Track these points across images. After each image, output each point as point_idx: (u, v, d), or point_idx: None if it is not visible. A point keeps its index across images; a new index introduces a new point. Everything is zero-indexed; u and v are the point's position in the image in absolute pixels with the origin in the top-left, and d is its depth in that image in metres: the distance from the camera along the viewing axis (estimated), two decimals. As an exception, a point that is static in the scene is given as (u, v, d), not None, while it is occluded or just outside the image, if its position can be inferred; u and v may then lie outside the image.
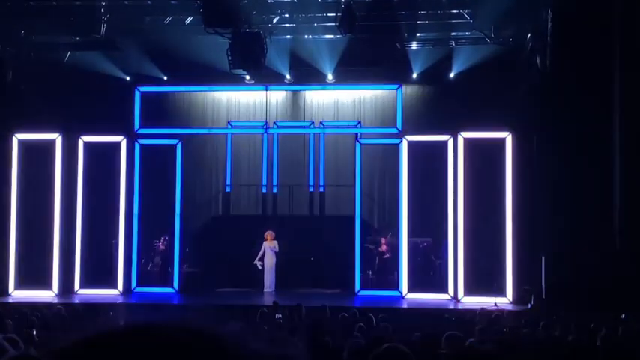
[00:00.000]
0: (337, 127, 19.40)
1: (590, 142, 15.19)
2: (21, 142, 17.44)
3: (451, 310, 15.49)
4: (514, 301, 15.81)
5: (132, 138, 17.73)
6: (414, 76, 18.67)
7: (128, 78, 19.05)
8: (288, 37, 18.16)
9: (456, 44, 18.17)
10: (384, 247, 18.10)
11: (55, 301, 16.24)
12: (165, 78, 19.18)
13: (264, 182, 19.60)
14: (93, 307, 15.19)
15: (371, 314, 11.92)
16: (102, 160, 17.57)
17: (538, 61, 16.27)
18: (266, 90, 18.73)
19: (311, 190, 19.63)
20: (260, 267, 17.73)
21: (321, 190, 19.54)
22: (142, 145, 17.73)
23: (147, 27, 17.72)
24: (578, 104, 15.18)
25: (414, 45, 18.34)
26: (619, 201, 14.71)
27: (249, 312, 13.84)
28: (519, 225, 16.20)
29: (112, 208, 17.37)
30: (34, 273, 16.90)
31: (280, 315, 12.48)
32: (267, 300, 15.63)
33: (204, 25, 15.74)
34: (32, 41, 17.88)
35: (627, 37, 14.60)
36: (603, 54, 14.94)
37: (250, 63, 16.18)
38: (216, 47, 16.84)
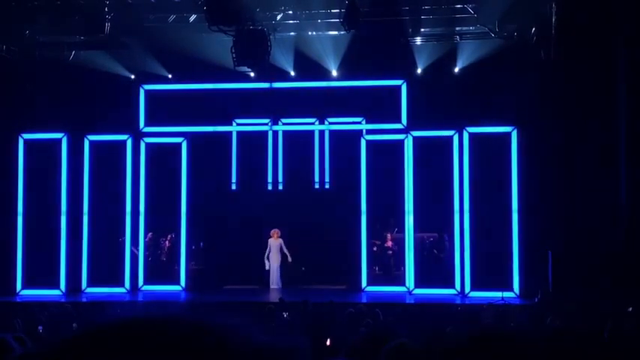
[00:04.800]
0: (342, 123, 19.37)
1: (596, 135, 15.16)
2: (27, 142, 17.50)
3: (458, 304, 15.51)
4: (521, 296, 15.81)
5: (137, 136, 17.77)
6: (419, 71, 18.63)
7: (133, 76, 19.07)
8: (292, 33, 18.13)
9: (461, 39, 18.12)
10: (389, 243, 18.10)
11: (63, 299, 16.31)
12: (169, 76, 19.19)
13: (270, 179, 19.61)
14: (100, 305, 15.26)
15: (378, 310, 11.93)
16: (107, 158, 17.61)
17: (543, 54, 16.23)
18: (270, 87, 18.72)
19: (316, 186, 19.63)
20: (267, 267, 17.82)
21: (327, 186, 19.53)
22: (147, 144, 17.76)
23: (151, 25, 17.72)
24: (584, 98, 15.15)
25: (418, 40, 18.30)
26: (625, 194, 14.68)
27: (255, 309, 13.87)
28: (526, 219, 16.18)
29: (118, 207, 17.41)
30: (41, 272, 16.95)
31: (287, 313, 12.50)
32: (274, 297, 15.66)
33: (207, 22, 15.73)
34: (37, 40, 17.91)
35: (632, 29, 14.55)
36: (608, 46, 14.90)
37: (254, 60, 16.17)
38: (220, 45, 16.84)
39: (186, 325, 1.13)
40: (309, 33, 18.12)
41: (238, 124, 19.56)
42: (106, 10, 16.92)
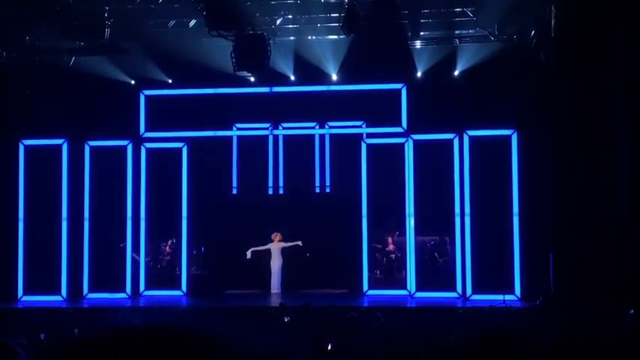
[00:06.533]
0: (342, 127, 19.38)
1: (595, 138, 15.15)
2: (27, 148, 17.51)
3: (460, 308, 15.51)
4: (522, 298, 15.80)
5: (137, 142, 17.78)
6: (419, 74, 18.65)
7: (133, 82, 19.08)
8: (292, 38, 18.16)
9: (460, 42, 18.14)
10: (391, 247, 18.10)
11: (64, 305, 16.32)
12: (169, 81, 19.20)
13: (271, 184, 19.61)
14: (101, 311, 15.26)
15: (379, 314, 11.93)
16: (108, 164, 17.61)
17: (542, 57, 16.23)
18: (270, 91, 18.73)
19: (317, 190, 19.64)
20: (249, 257, 17.76)
21: (328, 190, 19.54)
22: (147, 149, 17.77)
23: (151, 31, 17.74)
24: (583, 100, 15.14)
25: (417, 44, 18.32)
26: (625, 197, 14.67)
27: (256, 314, 13.88)
28: (527, 222, 16.18)
29: (119, 212, 17.41)
30: (42, 278, 16.95)
31: (289, 318, 12.49)
32: (275, 302, 15.66)
33: (207, 27, 15.75)
34: (37, 46, 17.92)
35: (632, 31, 14.55)
36: (608, 49, 14.89)
37: (254, 65, 16.19)
38: (220, 49, 16.86)
39: (184, 335, 1.13)
40: (309, 37, 18.15)
41: (239, 129, 19.58)
42: (106, 15, 16.94)
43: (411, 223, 16.87)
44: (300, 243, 17.90)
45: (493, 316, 13.61)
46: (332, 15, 17.12)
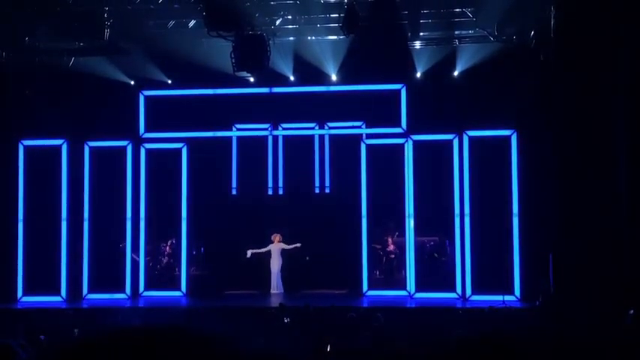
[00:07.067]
0: (342, 127, 19.38)
1: (595, 138, 15.15)
2: (27, 148, 17.52)
3: (459, 308, 15.52)
4: (522, 299, 15.80)
5: (137, 142, 17.78)
6: (418, 75, 18.65)
7: (132, 82, 19.07)
8: (292, 38, 18.15)
9: (460, 43, 18.14)
10: (391, 247, 18.10)
11: (64, 306, 16.33)
12: (169, 82, 19.20)
13: (270, 184, 19.61)
14: (101, 312, 15.27)
15: (379, 314, 11.94)
16: (108, 164, 17.62)
17: (542, 57, 16.23)
18: (270, 92, 18.73)
19: (317, 191, 19.64)
20: (249, 256, 17.76)
21: (327, 191, 19.54)
22: (147, 150, 17.77)
23: (150, 31, 17.74)
24: (583, 100, 15.14)
25: (417, 44, 18.32)
26: (626, 197, 14.68)
27: (256, 314, 13.89)
28: (527, 222, 16.18)
29: (118, 213, 17.42)
30: (42, 278, 16.95)
31: (288, 319, 12.50)
32: (275, 302, 15.67)
33: (207, 28, 15.75)
34: (36, 47, 17.92)
35: (632, 31, 14.55)
36: (608, 49, 14.89)
37: (254, 65, 16.19)
38: (220, 50, 16.86)
39: (184, 335, 1.13)
40: (309, 38, 18.14)
41: (238, 129, 19.59)
42: (106, 16, 16.93)
43: (410, 223, 16.87)
44: (299, 245, 17.91)
45: (493, 316, 13.62)
46: (332, 15, 17.11)
